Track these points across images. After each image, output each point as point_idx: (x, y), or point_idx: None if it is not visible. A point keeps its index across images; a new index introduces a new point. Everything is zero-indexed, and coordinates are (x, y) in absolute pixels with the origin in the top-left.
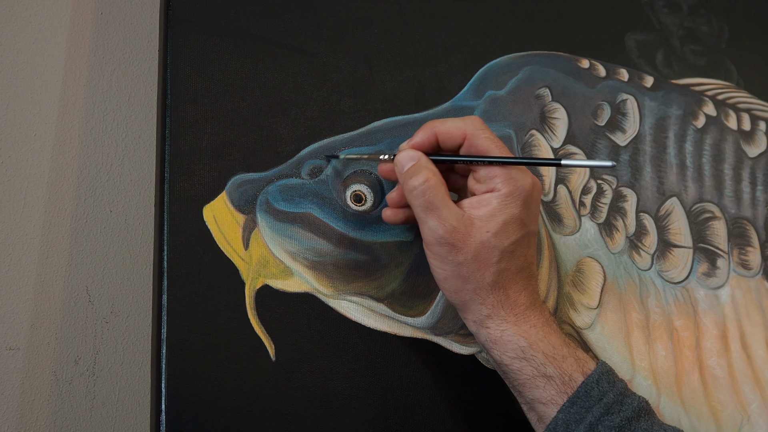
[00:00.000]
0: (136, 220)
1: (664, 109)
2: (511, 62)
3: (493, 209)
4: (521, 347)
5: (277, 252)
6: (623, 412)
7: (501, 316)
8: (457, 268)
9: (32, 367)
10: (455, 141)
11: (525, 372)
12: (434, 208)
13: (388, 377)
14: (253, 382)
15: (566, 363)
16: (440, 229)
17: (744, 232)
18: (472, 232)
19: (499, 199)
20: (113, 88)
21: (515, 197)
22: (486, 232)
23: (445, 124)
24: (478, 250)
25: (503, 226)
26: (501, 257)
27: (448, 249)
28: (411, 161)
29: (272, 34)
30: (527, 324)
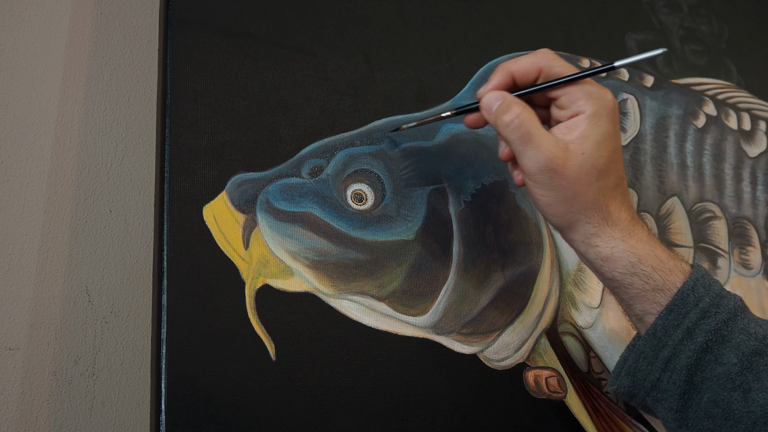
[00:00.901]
0: (136, 220)
1: (665, 108)
2: None
3: (584, 131)
4: (631, 262)
5: (277, 251)
6: (719, 315)
7: (608, 232)
8: (560, 193)
9: (32, 367)
10: (531, 76)
11: (636, 286)
12: (531, 139)
13: (389, 377)
14: (253, 382)
15: (673, 275)
16: (541, 158)
17: (744, 231)
18: (569, 156)
19: (586, 120)
20: (113, 88)
21: (600, 115)
22: (581, 154)
23: (518, 62)
24: (577, 173)
25: (595, 145)
26: (598, 175)
27: (549, 175)
28: (498, 100)
29: (272, 33)
30: (633, 239)
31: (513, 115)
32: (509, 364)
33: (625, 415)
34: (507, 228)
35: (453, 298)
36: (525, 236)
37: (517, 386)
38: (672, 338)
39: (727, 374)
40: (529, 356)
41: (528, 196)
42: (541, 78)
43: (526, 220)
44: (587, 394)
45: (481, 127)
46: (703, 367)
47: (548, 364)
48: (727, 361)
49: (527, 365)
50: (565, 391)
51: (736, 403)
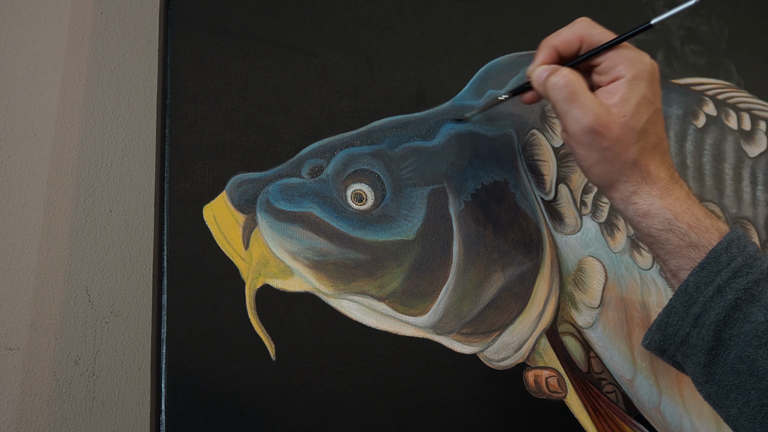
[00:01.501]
0: (136, 220)
1: (665, 108)
2: (511, 62)
3: (625, 94)
4: (667, 219)
5: (277, 251)
6: (750, 275)
7: (646, 191)
8: (602, 153)
9: (32, 367)
10: (574, 46)
11: (671, 242)
12: (576, 98)
13: (389, 377)
14: (253, 382)
15: (709, 233)
16: (585, 118)
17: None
18: (612, 119)
19: (626, 84)
20: (113, 88)
21: (640, 79)
22: (623, 116)
23: (560, 35)
24: (619, 134)
25: (636, 107)
26: (639, 136)
27: (593, 136)
28: (546, 70)
29: (272, 33)
30: (671, 197)
31: (561, 76)
32: (509, 364)
33: (625, 415)
34: (507, 228)
35: (453, 298)
36: (525, 236)
37: (517, 386)
38: (703, 295)
39: (754, 332)
40: (529, 356)
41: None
42: (584, 46)
43: (526, 220)
44: (587, 394)
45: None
46: (732, 324)
47: (548, 364)
48: (755, 320)
49: (527, 365)
50: (565, 391)
51: (761, 360)
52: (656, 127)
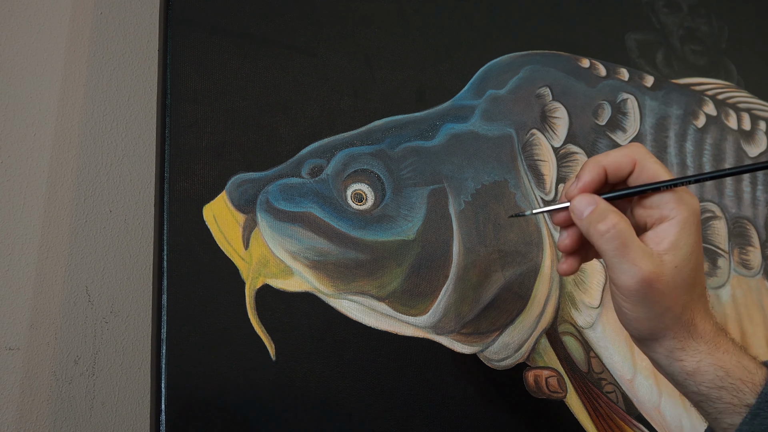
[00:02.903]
0: (136, 220)
1: (665, 108)
2: (511, 61)
3: (675, 240)
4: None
5: (277, 251)
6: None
7: (693, 347)
8: (651, 309)
9: (32, 367)
10: (625, 170)
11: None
12: (628, 251)
13: (389, 377)
14: (253, 382)
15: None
16: (638, 273)
17: (744, 231)
18: (664, 270)
19: (677, 227)
20: (113, 88)
21: (690, 222)
22: (674, 267)
23: (610, 156)
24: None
25: (687, 257)
26: (687, 289)
27: (646, 292)
28: (590, 206)
29: (272, 33)
30: (720, 351)
31: (609, 225)
32: (509, 364)
33: (625, 415)
34: (507, 228)
35: (453, 298)
36: (525, 236)
37: (517, 386)
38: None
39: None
40: (529, 356)
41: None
42: (635, 172)
43: (526, 220)
44: (587, 394)
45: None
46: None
47: (548, 364)
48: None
49: (527, 365)
50: (565, 391)
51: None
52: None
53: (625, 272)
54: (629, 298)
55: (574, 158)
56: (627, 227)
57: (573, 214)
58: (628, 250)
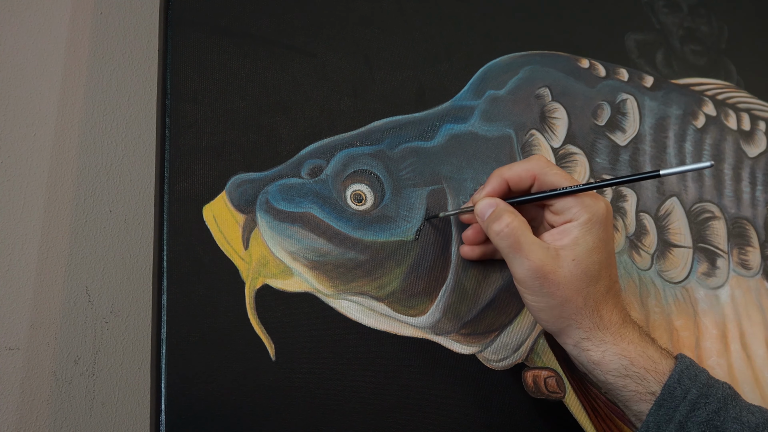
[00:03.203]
0: (136, 220)
1: (664, 108)
2: (511, 62)
3: (575, 237)
4: (623, 365)
5: (277, 252)
6: (709, 405)
7: (599, 337)
8: (550, 299)
9: (32, 367)
10: (526, 182)
11: (629, 388)
12: (520, 246)
13: (388, 377)
14: (253, 382)
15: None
16: (530, 265)
17: (744, 231)
18: (560, 263)
19: (578, 227)
20: (113, 88)
21: (593, 222)
22: (572, 260)
23: (512, 169)
24: (567, 279)
25: (587, 252)
26: (589, 281)
27: (540, 282)
28: (490, 208)
29: (272, 34)
30: (624, 341)
31: (503, 224)
32: (508, 364)
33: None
34: None
35: (452, 298)
36: None
37: (515, 386)
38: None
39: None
40: (527, 356)
41: None
42: (536, 185)
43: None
44: (586, 394)
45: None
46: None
47: (547, 364)
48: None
49: (526, 365)
50: (563, 391)
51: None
52: (609, 270)
53: (520, 265)
54: (527, 290)
55: (574, 159)
56: (520, 225)
57: (477, 216)
58: (521, 245)
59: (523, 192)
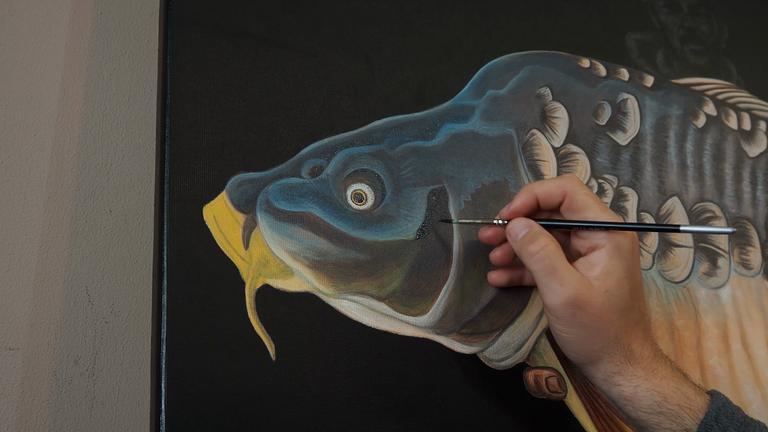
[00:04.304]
0: (136, 220)
1: (665, 108)
2: (511, 61)
3: (605, 267)
4: (656, 402)
5: (277, 251)
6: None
7: (630, 371)
8: (582, 330)
9: (32, 367)
10: (555, 200)
11: (663, 425)
12: (556, 272)
13: (389, 377)
14: (253, 382)
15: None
16: (564, 293)
17: (745, 231)
18: (593, 293)
19: (607, 256)
20: (113, 88)
21: (621, 251)
22: (605, 291)
23: (544, 185)
24: (600, 310)
25: (617, 282)
26: (621, 313)
27: (573, 312)
28: (525, 228)
29: (272, 33)
30: (657, 377)
31: (539, 247)
32: (509, 364)
33: None
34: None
35: (453, 298)
36: None
37: (517, 386)
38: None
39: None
40: (529, 356)
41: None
42: (566, 203)
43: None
44: (587, 394)
45: (495, 244)
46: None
47: (548, 364)
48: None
49: (527, 365)
50: (565, 391)
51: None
52: (638, 302)
53: (554, 292)
54: (559, 319)
55: (575, 158)
56: (556, 250)
57: (509, 234)
58: (556, 270)
59: (552, 209)
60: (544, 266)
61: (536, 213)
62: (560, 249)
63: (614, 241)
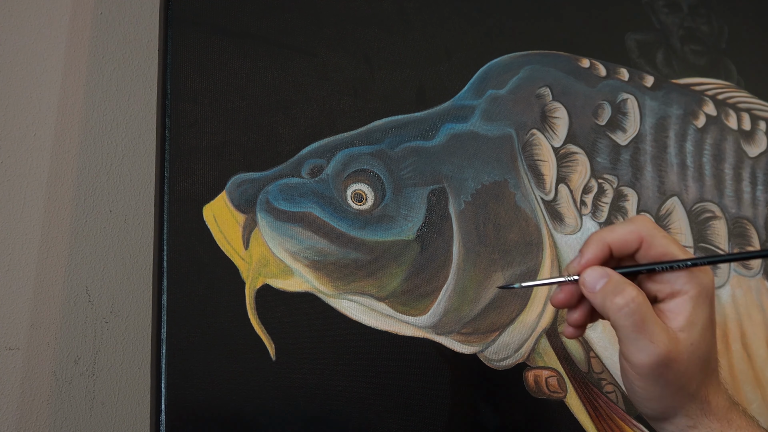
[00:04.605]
0: (136, 220)
1: (665, 108)
2: (511, 61)
3: (690, 316)
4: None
5: (277, 251)
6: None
7: (705, 424)
8: (666, 388)
9: (32, 367)
10: (632, 246)
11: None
12: (646, 328)
13: (389, 377)
14: (253, 382)
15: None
16: (655, 351)
17: (744, 231)
18: (680, 348)
19: (691, 303)
20: (113, 88)
21: (704, 297)
22: (690, 344)
23: (615, 232)
24: (686, 367)
25: (701, 333)
26: (703, 366)
27: (661, 370)
28: (602, 278)
29: (272, 33)
30: (732, 428)
31: (628, 299)
32: (509, 364)
33: (625, 415)
34: (507, 228)
35: (453, 298)
36: (525, 236)
37: (517, 386)
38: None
39: None
40: (529, 356)
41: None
42: (642, 250)
43: (526, 220)
44: (587, 394)
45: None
46: None
47: (548, 364)
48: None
49: (527, 365)
50: (564, 391)
51: None
52: (714, 352)
53: (642, 350)
54: (644, 377)
55: (574, 158)
56: (645, 302)
57: (584, 287)
58: (646, 326)
59: (627, 258)
60: (634, 320)
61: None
62: (648, 301)
63: (698, 285)
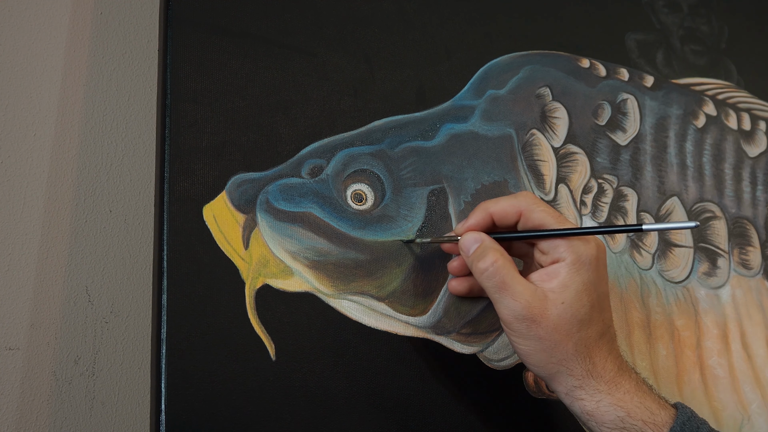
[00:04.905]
0: (136, 220)
1: (665, 108)
2: (511, 61)
3: (564, 279)
4: (619, 417)
5: (277, 251)
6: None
7: (592, 385)
8: (538, 342)
9: (32, 367)
10: (511, 218)
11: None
12: (507, 287)
13: (389, 377)
14: (253, 382)
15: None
16: (516, 306)
17: (744, 231)
18: (547, 305)
19: (566, 268)
20: (113, 88)
21: (582, 263)
22: (561, 303)
23: (499, 204)
24: (556, 323)
25: (576, 294)
26: (580, 325)
27: (527, 324)
28: (475, 243)
29: (272, 33)
30: (620, 391)
31: (488, 263)
32: (509, 364)
33: None
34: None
35: (453, 298)
36: None
37: (516, 386)
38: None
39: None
40: None
41: None
42: (521, 222)
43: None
44: None
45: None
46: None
47: None
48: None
49: None
50: None
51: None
52: (602, 314)
53: (506, 307)
54: (514, 332)
55: (574, 158)
56: (505, 264)
57: (461, 251)
58: (507, 285)
59: (509, 228)
60: (495, 282)
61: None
62: (511, 263)
63: (575, 254)
